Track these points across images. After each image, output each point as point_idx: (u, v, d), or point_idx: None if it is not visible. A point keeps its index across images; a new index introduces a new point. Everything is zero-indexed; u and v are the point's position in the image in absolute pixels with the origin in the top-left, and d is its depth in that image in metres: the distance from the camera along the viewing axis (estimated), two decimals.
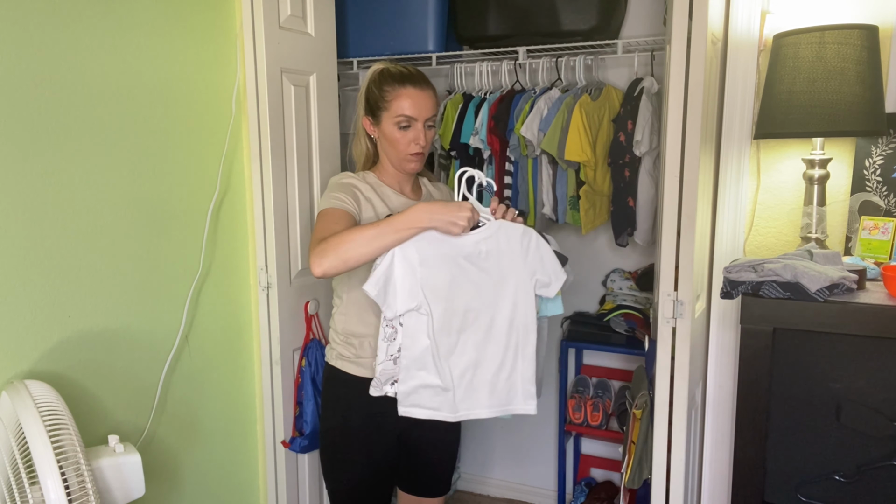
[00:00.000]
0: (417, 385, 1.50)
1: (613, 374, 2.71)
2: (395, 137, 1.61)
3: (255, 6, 1.89)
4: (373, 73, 1.64)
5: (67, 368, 1.54)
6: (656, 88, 2.25)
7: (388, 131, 1.62)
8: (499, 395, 1.53)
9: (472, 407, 1.53)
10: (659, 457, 1.75)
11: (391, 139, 1.62)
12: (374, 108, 1.63)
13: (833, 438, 1.45)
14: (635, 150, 2.21)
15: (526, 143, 2.37)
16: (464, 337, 1.50)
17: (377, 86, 1.62)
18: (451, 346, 1.50)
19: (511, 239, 1.50)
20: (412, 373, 1.49)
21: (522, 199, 2.48)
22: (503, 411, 1.54)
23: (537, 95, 2.37)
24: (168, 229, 1.78)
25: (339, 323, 1.68)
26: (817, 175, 1.77)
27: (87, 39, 1.55)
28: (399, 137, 1.61)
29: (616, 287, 2.60)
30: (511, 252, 1.50)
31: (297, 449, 2.08)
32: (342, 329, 1.67)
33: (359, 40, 2.60)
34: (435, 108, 1.63)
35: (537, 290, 1.53)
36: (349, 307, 1.65)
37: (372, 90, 1.63)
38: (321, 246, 1.41)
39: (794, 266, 1.44)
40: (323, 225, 1.49)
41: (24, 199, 1.43)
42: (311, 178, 2.11)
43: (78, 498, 1.18)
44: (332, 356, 1.70)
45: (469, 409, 1.53)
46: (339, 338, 1.68)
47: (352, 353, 1.65)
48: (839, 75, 1.61)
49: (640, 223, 2.30)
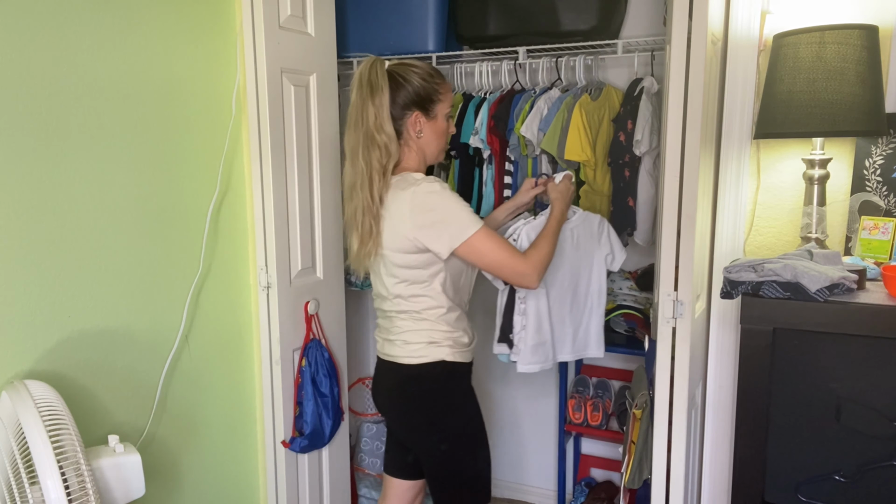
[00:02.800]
0: (536, 344, 1.93)
1: (613, 374, 2.71)
2: (443, 128, 1.69)
3: (255, 6, 1.89)
4: (408, 69, 1.63)
5: (67, 368, 1.54)
6: (656, 88, 2.25)
7: (441, 123, 1.68)
8: (578, 344, 2.04)
9: (560, 354, 2.01)
10: (659, 457, 1.75)
11: (440, 131, 1.69)
12: (427, 102, 1.64)
13: (833, 439, 1.45)
14: (635, 150, 2.21)
15: (526, 143, 2.37)
16: (562, 302, 1.97)
17: (428, 80, 1.64)
18: (556, 311, 1.96)
19: (592, 225, 1.99)
20: (533, 336, 1.92)
21: None
22: (580, 355, 2.06)
23: (537, 95, 2.37)
24: (168, 229, 1.78)
25: (453, 318, 1.68)
26: (817, 175, 1.77)
27: (88, 39, 1.55)
28: (447, 128, 1.71)
29: (616, 287, 2.60)
30: (591, 235, 1.99)
31: (297, 449, 2.08)
32: (457, 324, 1.68)
33: (359, 40, 2.59)
34: None
35: (607, 265, 2.02)
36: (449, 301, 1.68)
37: (424, 85, 1.63)
38: (532, 263, 1.63)
39: (794, 266, 1.44)
40: (498, 241, 1.62)
41: (24, 199, 1.43)
42: (311, 178, 2.11)
43: (78, 498, 1.18)
44: (445, 353, 1.67)
45: (558, 356, 2.00)
46: (454, 333, 1.68)
47: (465, 343, 1.70)
48: (839, 75, 1.61)
49: (639, 223, 2.30)
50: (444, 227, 1.56)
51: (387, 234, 1.62)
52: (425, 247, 1.59)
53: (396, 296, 1.67)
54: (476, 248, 1.58)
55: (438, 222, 1.56)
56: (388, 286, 1.68)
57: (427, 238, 1.57)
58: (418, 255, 1.61)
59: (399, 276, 1.64)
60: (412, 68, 1.63)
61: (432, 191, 1.58)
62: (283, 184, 2.01)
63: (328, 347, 2.18)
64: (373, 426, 2.83)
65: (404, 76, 1.62)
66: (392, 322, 1.70)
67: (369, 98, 1.59)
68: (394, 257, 1.62)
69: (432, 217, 1.56)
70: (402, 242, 1.60)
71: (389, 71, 1.62)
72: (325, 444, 2.18)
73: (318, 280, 2.16)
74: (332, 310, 2.23)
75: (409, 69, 1.63)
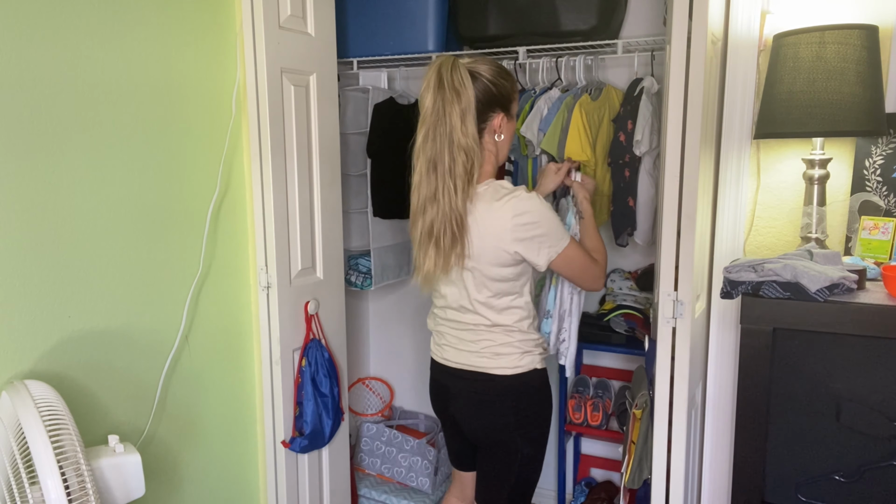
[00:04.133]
0: (565, 338, 1.93)
1: (613, 374, 2.71)
2: (514, 128, 1.66)
3: (255, 6, 1.89)
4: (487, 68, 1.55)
5: (67, 368, 1.54)
6: (656, 88, 2.25)
7: (514, 123, 1.65)
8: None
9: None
10: (659, 457, 1.75)
11: (513, 131, 1.66)
12: (508, 102, 1.61)
13: (833, 438, 1.45)
14: (635, 150, 2.21)
15: (526, 143, 2.37)
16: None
17: (507, 78, 1.59)
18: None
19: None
20: (566, 330, 1.93)
21: None
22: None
23: (537, 95, 2.37)
24: (168, 229, 1.78)
25: (536, 325, 1.71)
26: (817, 175, 1.77)
27: (88, 39, 1.55)
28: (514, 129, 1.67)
29: (616, 287, 2.60)
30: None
31: (297, 449, 2.08)
32: (531, 329, 1.69)
33: (359, 40, 2.59)
34: None
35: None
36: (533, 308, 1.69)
37: (504, 84, 1.58)
38: (603, 267, 1.71)
39: (794, 266, 1.44)
40: (581, 249, 1.66)
41: (24, 199, 1.43)
42: (311, 178, 2.11)
43: (78, 498, 1.18)
44: (536, 361, 1.69)
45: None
46: (540, 339, 1.71)
47: (546, 348, 1.75)
48: (839, 75, 1.61)
49: (640, 223, 2.30)
50: (544, 239, 1.56)
51: (480, 247, 1.57)
52: (523, 258, 1.58)
53: (488, 308, 1.64)
54: (569, 257, 1.61)
55: (540, 235, 1.56)
56: (478, 299, 1.63)
57: (528, 250, 1.56)
58: (514, 267, 1.60)
59: (493, 290, 1.62)
60: (490, 66, 1.55)
61: (533, 202, 1.55)
62: (283, 184, 2.01)
63: (328, 347, 2.18)
64: (373, 426, 2.83)
65: (487, 76, 1.54)
66: (477, 335, 1.67)
67: (454, 101, 1.50)
68: (489, 271, 1.60)
69: (535, 230, 1.55)
70: (502, 256, 1.57)
71: (470, 71, 1.53)
72: (325, 444, 2.18)
73: (318, 280, 2.16)
74: (332, 310, 2.23)
75: (487, 67, 1.55)
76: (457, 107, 1.50)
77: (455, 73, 1.51)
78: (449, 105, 1.51)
